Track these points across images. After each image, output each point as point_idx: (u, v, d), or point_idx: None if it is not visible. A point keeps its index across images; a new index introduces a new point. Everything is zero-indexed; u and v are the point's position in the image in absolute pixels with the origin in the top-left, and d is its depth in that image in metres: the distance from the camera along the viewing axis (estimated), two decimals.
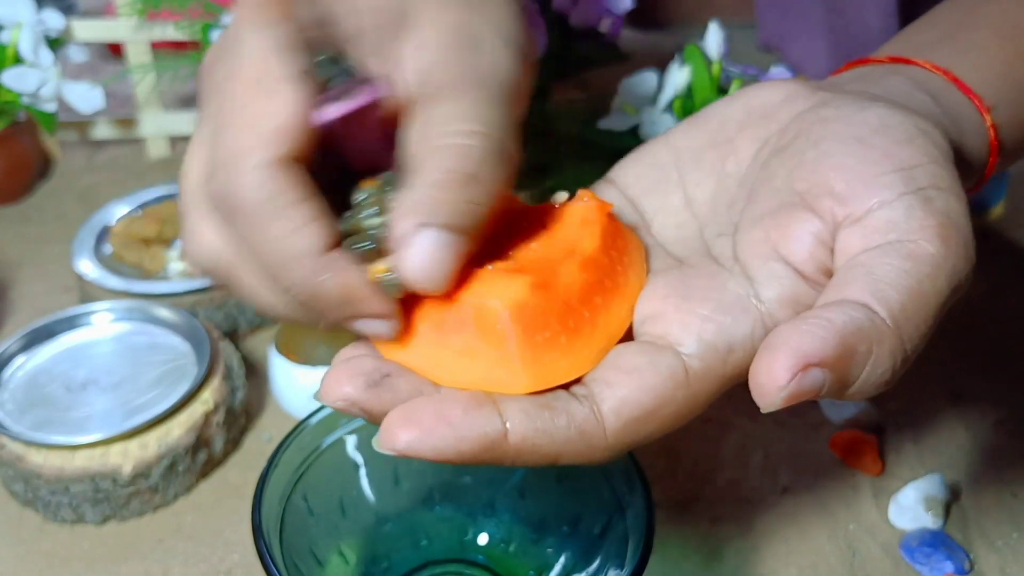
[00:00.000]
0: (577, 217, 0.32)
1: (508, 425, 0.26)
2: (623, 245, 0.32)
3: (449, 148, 0.27)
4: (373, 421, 0.27)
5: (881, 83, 0.35)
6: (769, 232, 0.30)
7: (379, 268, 0.28)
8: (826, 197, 0.29)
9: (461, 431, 0.26)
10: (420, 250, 0.27)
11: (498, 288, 0.28)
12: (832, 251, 0.29)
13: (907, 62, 0.36)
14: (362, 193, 0.29)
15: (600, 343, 0.29)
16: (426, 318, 0.29)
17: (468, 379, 0.28)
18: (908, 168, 0.29)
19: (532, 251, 0.31)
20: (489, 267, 0.30)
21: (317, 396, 0.28)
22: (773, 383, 0.25)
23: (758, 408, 0.60)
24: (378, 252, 0.28)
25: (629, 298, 0.31)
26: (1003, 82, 0.36)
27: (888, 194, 0.28)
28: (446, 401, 0.26)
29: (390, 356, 0.29)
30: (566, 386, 0.29)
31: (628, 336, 0.31)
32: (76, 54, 1.00)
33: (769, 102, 0.34)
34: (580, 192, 0.33)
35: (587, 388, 0.28)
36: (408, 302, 0.29)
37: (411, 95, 0.28)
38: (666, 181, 0.35)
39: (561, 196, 0.34)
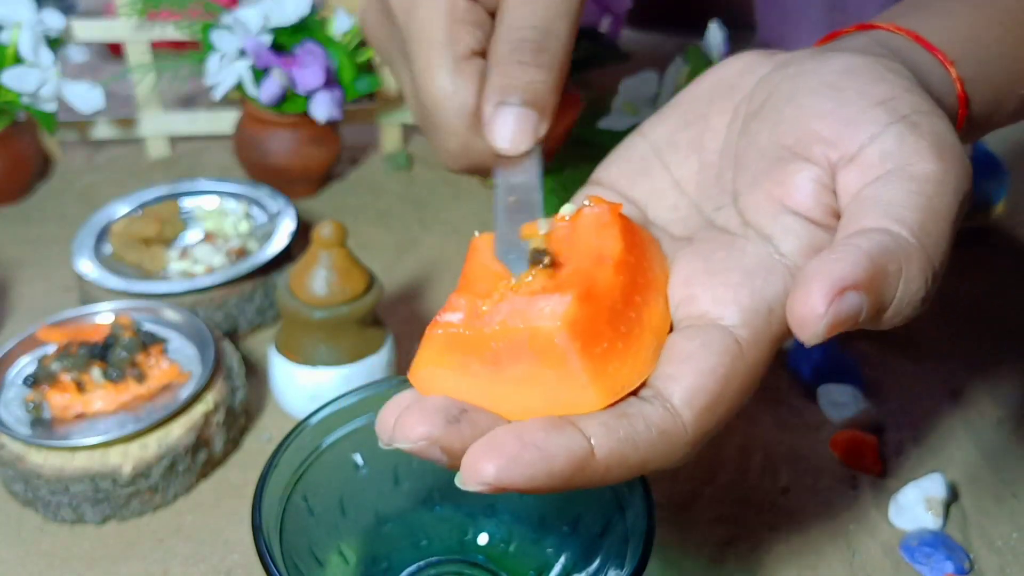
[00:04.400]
0: (592, 224, 0.32)
1: (593, 441, 0.26)
2: (640, 240, 0.32)
3: (510, 44, 0.36)
4: (452, 460, 0.26)
5: (840, 44, 0.35)
6: (771, 190, 0.30)
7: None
8: (816, 144, 0.29)
9: (549, 452, 0.25)
10: (502, 123, 0.35)
11: (545, 308, 0.27)
12: (835, 193, 0.29)
13: (872, 27, 0.36)
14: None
15: (653, 341, 0.29)
16: (477, 356, 0.28)
17: (536, 407, 0.27)
18: (887, 100, 0.29)
19: (561, 266, 0.31)
20: (526, 288, 0.30)
21: (389, 441, 0.27)
22: (812, 312, 0.25)
23: (758, 409, 0.60)
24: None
25: (663, 290, 0.31)
26: (968, 42, 0.36)
27: (875, 128, 0.28)
28: (525, 427, 0.26)
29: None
30: (632, 392, 0.28)
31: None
32: (76, 54, 1.00)
33: (731, 74, 0.35)
34: (586, 198, 0.33)
35: (652, 388, 0.28)
36: (453, 343, 0.28)
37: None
38: (649, 169, 0.36)
39: (568, 209, 0.33)
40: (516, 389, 0.27)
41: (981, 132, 0.39)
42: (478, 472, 0.25)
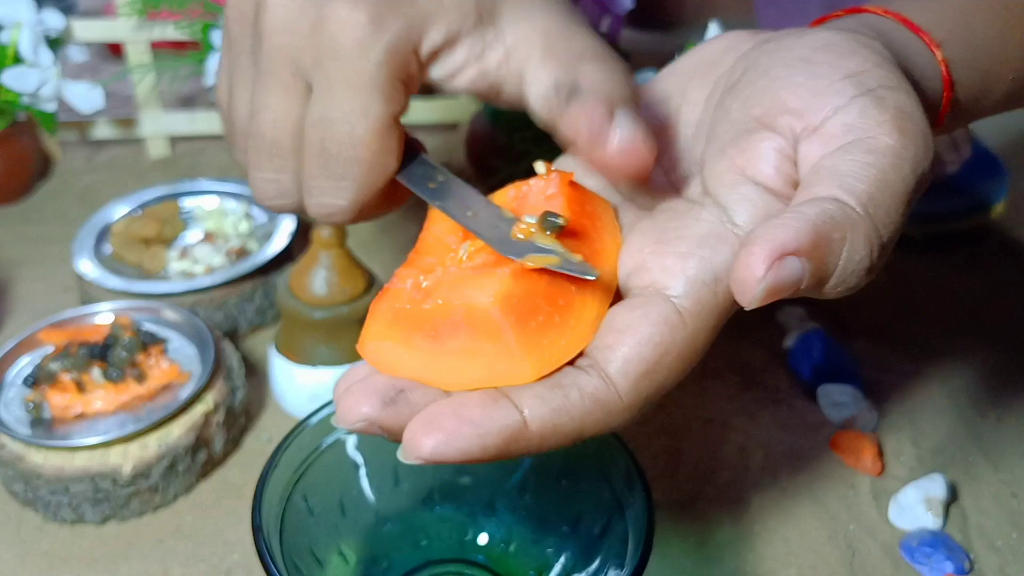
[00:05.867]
0: (539, 195, 0.32)
1: (526, 413, 0.27)
2: (592, 210, 0.32)
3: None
4: (393, 438, 0.27)
5: (827, 25, 0.36)
6: (734, 158, 0.30)
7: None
8: (783, 115, 0.30)
9: (483, 427, 0.26)
10: (624, 128, 0.30)
11: (482, 285, 0.28)
12: (796, 164, 0.30)
13: (859, 10, 0.37)
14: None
15: (593, 312, 0.30)
16: (419, 329, 0.29)
17: (474, 379, 0.28)
18: (856, 74, 0.29)
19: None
20: (468, 264, 0.31)
21: (335, 421, 0.28)
22: (751, 276, 0.25)
23: (758, 408, 0.60)
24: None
25: (610, 260, 0.31)
26: (953, 25, 0.36)
27: (841, 99, 0.29)
28: (462, 402, 0.27)
29: (392, 373, 0.29)
30: (571, 361, 0.29)
31: (618, 297, 0.31)
32: (76, 54, 1.00)
33: (715, 51, 0.35)
34: (537, 167, 0.33)
35: (590, 358, 0.29)
36: (398, 318, 0.29)
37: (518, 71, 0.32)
38: None
39: (540, 167, 0.33)
40: (456, 362, 0.28)
41: (971, 117, 0.39)
42: (416, 447, 0.26)
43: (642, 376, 0.28)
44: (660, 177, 0.35)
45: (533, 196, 0.33)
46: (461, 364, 0.28)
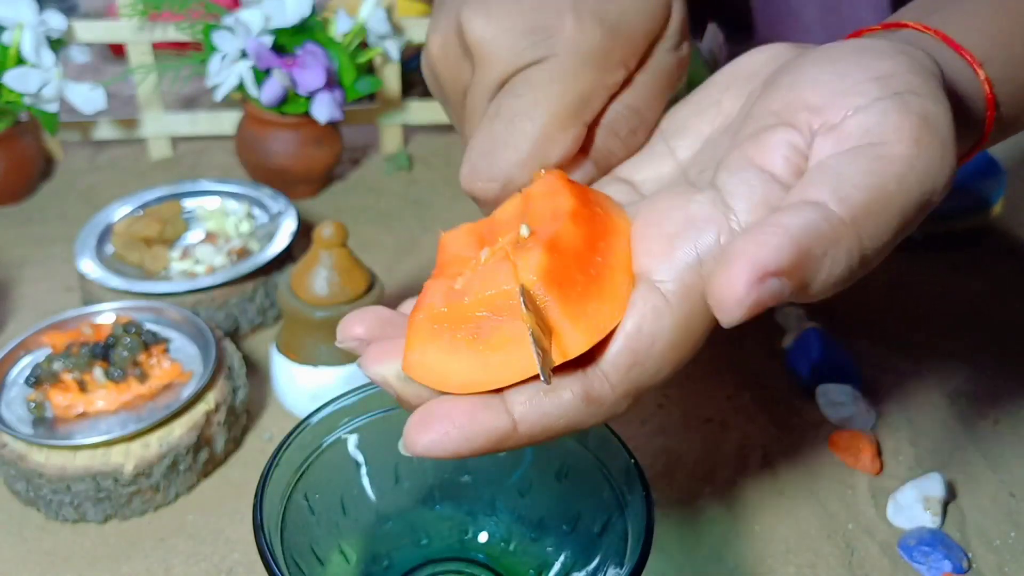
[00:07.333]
0: (542, 192, 0.32)
1: (516, 416, 0.27)
2: (595, 197, 0.32)
3: None
4: (404, 406, 0.30)
5: (866, 36, 0.35)
6: (746, 149, 0.29)
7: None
8: (802, 111, 0.29)
9: (470, 431, 0.27)
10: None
11: (518, 266, 0.28)
12: (808, 159, 0.29)
13: (898, 26, 0.36)
14: None
15: (623, 284, 0.29)
16: (462, 330, 0.28)
17: (527, 367, 0.27)
18: (884, 76, 0.28)
19: (520, 234, 0.31)
20: (491, 260, 0.30)
21: (342, 341, 0.32)
22: (732, 296, 0.25)
23: (756, 408, 0.60)
24: None
25: (624, 235, 0.31)
26: (993, 43, 0.35)
27: (862, 100, 0.28)
28: (454, 404, 0.28)
29: (443, 386, 0.28)
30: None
31: None
32: (78, 55, 1.00)
33: (754, 62, 0.35)
34: (535, 174, 0.34)
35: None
36: (437, 324, 0.29)
37: None
38: (653, 155, 0.36)
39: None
40: (505, 356, 0.27)
41: (1007, 133, 0.38)
42: (412, 443, 0.27)
43: (631, 368, 0.28)
44: (679, 174, 0.35)
45: (536, 195, 0.33)
46: (511, 356, 0.27)
